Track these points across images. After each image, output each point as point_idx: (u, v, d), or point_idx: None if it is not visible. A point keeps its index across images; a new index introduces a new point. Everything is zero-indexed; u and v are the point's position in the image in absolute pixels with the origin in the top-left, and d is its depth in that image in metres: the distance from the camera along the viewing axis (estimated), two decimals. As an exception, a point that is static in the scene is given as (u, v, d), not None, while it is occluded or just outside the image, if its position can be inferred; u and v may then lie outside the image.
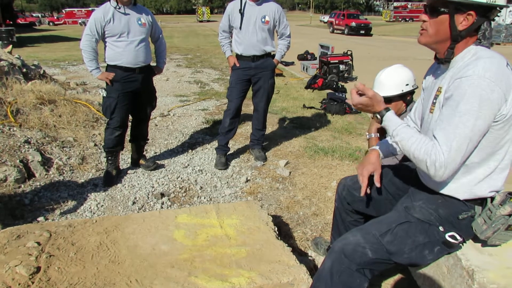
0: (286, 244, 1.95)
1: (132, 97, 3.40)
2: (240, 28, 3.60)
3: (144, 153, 3.90)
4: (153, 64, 3.57)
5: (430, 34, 1.48)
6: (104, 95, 3.31)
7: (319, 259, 2.36)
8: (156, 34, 3.53)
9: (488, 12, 1.38)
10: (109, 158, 3.47)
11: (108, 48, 3.23)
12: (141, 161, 3.79)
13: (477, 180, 1.49)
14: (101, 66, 3.26)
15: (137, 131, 3.70)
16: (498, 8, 1.38)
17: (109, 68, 3.29)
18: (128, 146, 3.90)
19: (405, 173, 1.87)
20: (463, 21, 1.40)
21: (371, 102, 1.56)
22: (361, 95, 1.58)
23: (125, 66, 3.26)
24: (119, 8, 3.13)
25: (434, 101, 1.53)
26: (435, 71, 1.64)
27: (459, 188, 1.51)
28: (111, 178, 3.45)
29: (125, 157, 4.01)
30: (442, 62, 1.52)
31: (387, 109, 1.55)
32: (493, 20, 1.42)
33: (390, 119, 1.53)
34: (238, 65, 3.73)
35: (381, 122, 1.56)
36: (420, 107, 1.77)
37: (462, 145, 1.34)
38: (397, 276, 2.22)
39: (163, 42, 3.63)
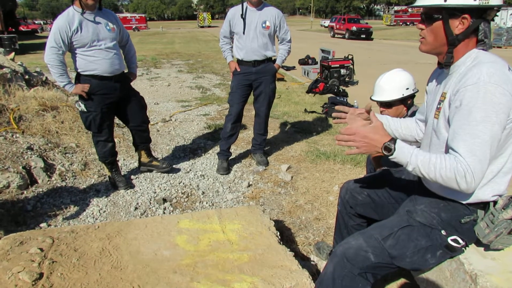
0: (289, 249, 1.95)
1: (115, 106, 3.27)
2: (244, 33, 3.62)
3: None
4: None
5: (429, 42, 1.50)
6: (84, 109, 3.08)
7: (321, 264, 2.36)
8: (124, 38, 3.33)
9: (484, 13, 1.38)
10: (112, 167, 3.46)
11: (79, 58, 2.99)
12: (154, 162, 3.77)
13: (480, 184, 1.48)
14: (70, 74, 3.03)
15: (140, 138, 3.62)
16: (495, 8, 1.39)
17: (82, 78, 3.04)
18: (123, 151, 3.90)
19: (408, 177, 1.87)
20: (459, 25, 1.41)
21: (374, 131, 1.48)
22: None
23: (101, 75, 3.04)
24: (84, 13, 2.89)
25: (439, 106, 1.52)
26: (438, 76, 1.65)
27: (462, 192, 1.51)
28: (124, 181, 3.46)
29: (127, 163, 4.02)
30: (443, 66, 1.53)
31: (393, 139, 1.46)
32: (492, 20, 1.43)
33: (403, 145, 1.43)
34: (239, 70, 3.74)
35: (390, 153, 1.44)
36: (424, 111, 1.78)
37: (485, 153, 1.33)
38: (400, 281, 2.21)
39: (132, 46, 3.47)
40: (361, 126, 1.49)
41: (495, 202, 1.51)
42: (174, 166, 3.99)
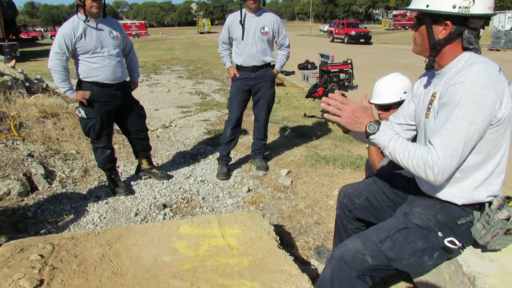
0: (288, 253, 1.95)
1: (115, 114, 3.29)
2: (242, 39, 3.64)
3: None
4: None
5: (417, 44, 1.57)
6: (84, 116, 3.10)
7: (321, 268, 2.35)
8: (128, 47, 3.37)
9: (466, 21, 1.42)
10: (111, 173, 3.47)
11: (82, 64, 3.02)
12: (154, 170, 3.80)
13: (475, 185, 1.50)
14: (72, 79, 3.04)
15: (140, 146, 3.65)
16: (480, 18, 1.41)
17: (84, 85, 3.08)
18: (123, 157, 3.91)
19: (405, 181, 1.88)
20: (442, 30, 1.46)
21: (364, 110, 1.50)
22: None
23: (102, 82, 3.07)
24: (88, 21, 2.93)
25: (429, 106, 1.56)
26: (428, 78, 1.67)
27: (457, 193, 1.53)
28: (124, 187, 3.47)
29: (127, 169, 4.03)
30: (426, 68, 1.58)
31: (378, 121, 1.49)
32: (482, 28, 1.46)
33: (386, 129, 1.47)
34: (238, 75, 3.77)
35: (370, 134, 1.47)
36: (402, 112, 1.81)
37: (457, 150, 1.36)
38: (400, 284, 2.22)
39: (135, 55, 3.51)
40: (354, 102, 1.52)
41: (490, 203, 1.52)
42: (174, 171, 4.01)
